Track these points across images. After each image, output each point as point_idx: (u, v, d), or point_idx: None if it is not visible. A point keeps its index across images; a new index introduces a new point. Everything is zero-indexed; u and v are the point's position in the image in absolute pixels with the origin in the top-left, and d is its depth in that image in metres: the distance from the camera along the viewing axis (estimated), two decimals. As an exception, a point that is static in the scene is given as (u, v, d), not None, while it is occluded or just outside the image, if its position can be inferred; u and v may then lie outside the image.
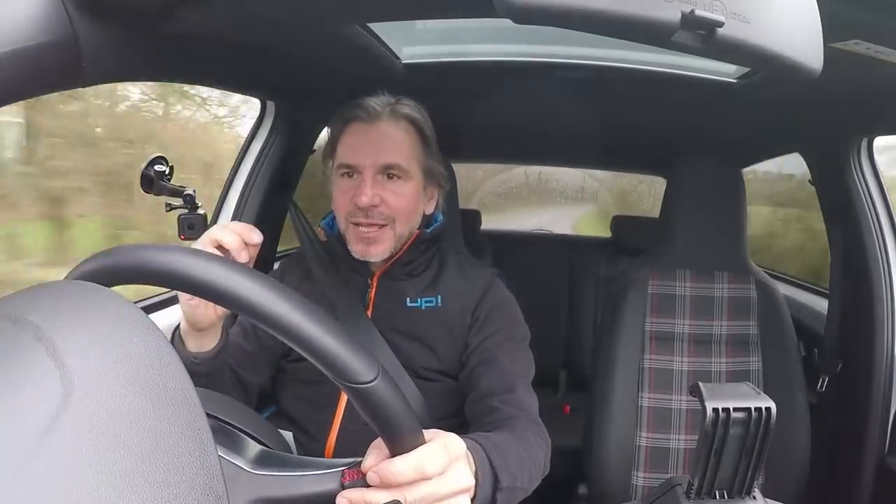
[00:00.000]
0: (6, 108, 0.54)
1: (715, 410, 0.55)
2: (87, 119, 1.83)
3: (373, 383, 0.40)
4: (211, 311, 0.66)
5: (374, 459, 0.46)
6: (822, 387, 1.19)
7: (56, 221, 1.70)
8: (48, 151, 1.68)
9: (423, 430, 0.47)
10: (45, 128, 1.63)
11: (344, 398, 0.82)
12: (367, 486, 0.45)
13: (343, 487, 0.45)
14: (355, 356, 0.40)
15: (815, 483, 1.14)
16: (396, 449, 0.45)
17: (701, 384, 0.58)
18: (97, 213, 1.84)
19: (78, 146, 1.80)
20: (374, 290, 0.86)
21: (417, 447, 0.46)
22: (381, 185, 0.81)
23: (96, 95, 1.80)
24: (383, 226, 0.81)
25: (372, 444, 0.47)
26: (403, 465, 0.44)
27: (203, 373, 0.69)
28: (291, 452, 0.57)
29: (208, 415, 0.32)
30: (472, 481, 0.52)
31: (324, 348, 0.40)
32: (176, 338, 0.70)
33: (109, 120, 1.95)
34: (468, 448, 0.55)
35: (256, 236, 0.63)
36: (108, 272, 0.41)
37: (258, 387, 0.85)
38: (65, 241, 1.72)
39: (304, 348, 0.40)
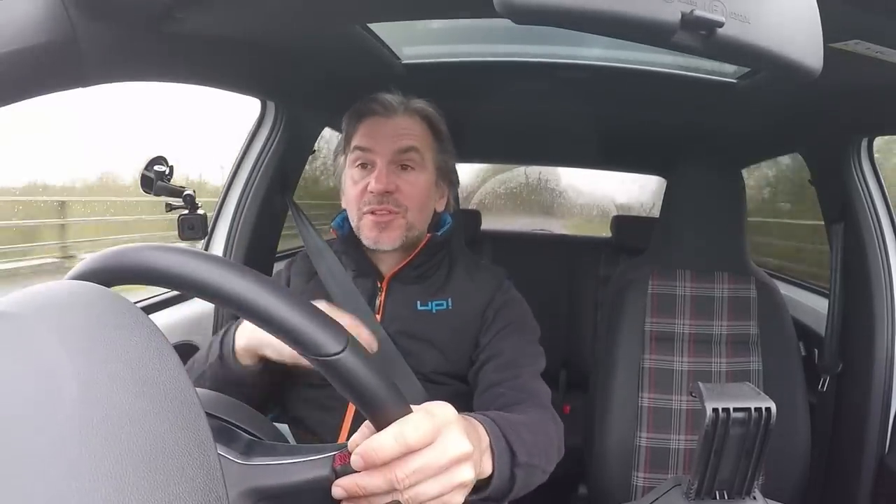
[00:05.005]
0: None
1: (715, 410, 0.55)
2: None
3: (340, 355, 0.39)
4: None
5: (361, 437, 0.43)
6: (822, 387, 1.18)
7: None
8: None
9: (414, 406, 0.44)
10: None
11: None
12: None
13: (335, 471, 0.43)
14: (320, 328, 0.39)
15: (814, 483, 1.14)
16: (380, 424, 0.43)
17: (701, 384, 0.58)
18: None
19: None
20: (384, 293, 0.85)
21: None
22: (395, 174, 0.81)
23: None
24: (395, 213, 0.81)
25: (363, 424, 0.44)
26: (383, 438, 0.42)
27: (250, 383, 0.72)
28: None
29: None
30: (469, 447, 0.46)
31: (286, 322, 0.39)
32: (229, 349, 0.72)
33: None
34: (479, 422, 0.52)
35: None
36: (108, 272, 0.41)
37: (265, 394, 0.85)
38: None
39: (265, 323, 0.39)
